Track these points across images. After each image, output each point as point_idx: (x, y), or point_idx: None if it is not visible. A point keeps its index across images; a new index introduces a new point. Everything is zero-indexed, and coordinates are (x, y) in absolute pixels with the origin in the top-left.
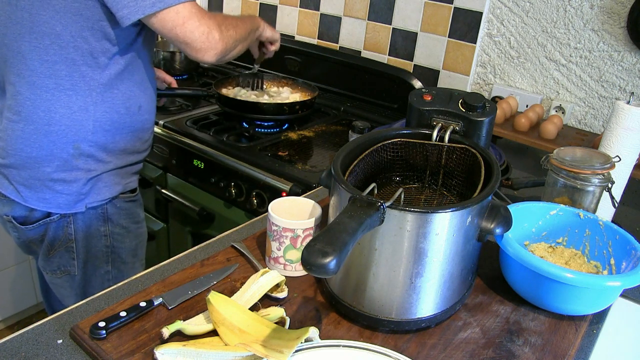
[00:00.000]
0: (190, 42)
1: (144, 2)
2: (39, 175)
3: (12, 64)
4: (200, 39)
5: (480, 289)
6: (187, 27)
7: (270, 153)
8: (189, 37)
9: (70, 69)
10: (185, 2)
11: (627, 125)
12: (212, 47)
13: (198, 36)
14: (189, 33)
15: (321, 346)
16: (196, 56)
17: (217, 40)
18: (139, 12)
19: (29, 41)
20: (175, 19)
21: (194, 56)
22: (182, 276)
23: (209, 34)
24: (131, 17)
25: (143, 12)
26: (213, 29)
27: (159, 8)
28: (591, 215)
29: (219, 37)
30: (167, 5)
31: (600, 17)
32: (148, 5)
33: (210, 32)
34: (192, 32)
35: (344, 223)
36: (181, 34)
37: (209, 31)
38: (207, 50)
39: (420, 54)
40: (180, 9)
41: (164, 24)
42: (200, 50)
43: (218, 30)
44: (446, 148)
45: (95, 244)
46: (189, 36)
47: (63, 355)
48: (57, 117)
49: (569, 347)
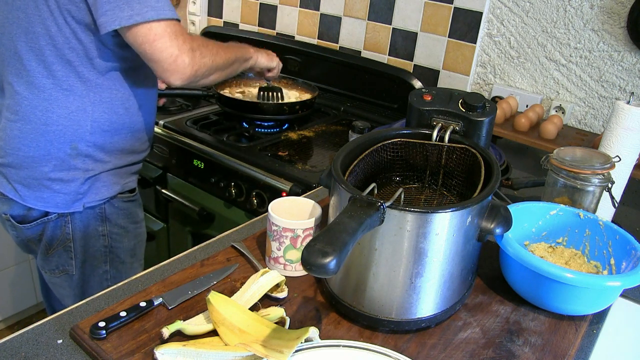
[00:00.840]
0: (157, 61)
1: (122, 13)
2: (36, 174)
3: (10, 64)
4: (167, 61)
5: (480, 289)
6: (157, 46)
7: (270, 153)
8: (157, 56)
9: (67, 70)
10: (162, 20)
11: (627, 125)
12: (179, 70)
13: (166, 57)
14: (158, 52)
15: (321, 346)
16: (162, 76)
17: (186, 65)
18: (115, 23)
19: (25, 41)
20: (146, 35)
21: (160, 76)
22: (182, 276)
23: (177, 57)
24: (107, 27)
25: (119, 23)
26: (183, 53)
27: (135, 21)
28: (591, 215)
29: (189, 62)
30: (143, 20)
31: (600, 17)
32: (125, 17)
33: (180, 55)
34: (160, 52)
35: (344, 223)
36: (149, 51)
37: (178, 54)
38: (173, 73)
39: (420, 54)
40: (154, 26)
41: (135, 38)
42: (166, 72)
43: (189, 55)
44: (446, 148)
45: (93, 243)
46: (157, 55)
47: (63, 355)
48: (55, 117)
49: (569, 347)
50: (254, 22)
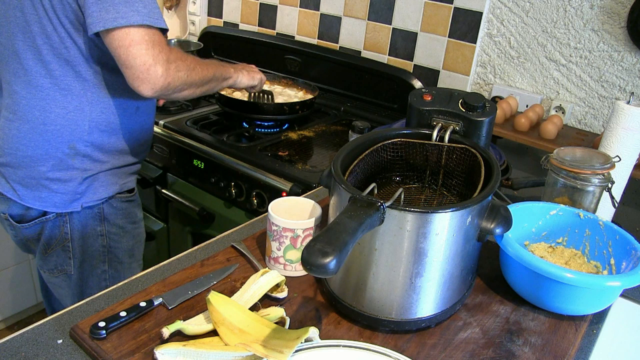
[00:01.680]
0: (130, 67)
1: (107, 15)
2: (34, 174)
3: (8, 63)
4: (140, 69)
5: (480, 289)
6: (131, 51)
7: (270, 153)
8: (130, 62)
9: (64, 69)
10: (143, 27)
11: (627, 125)
12: (151, 80)
13: (138, 64)
14: (131, 58)
15: (321, 346)
16: (132, 84)
17: (158, 76)
18: (99, 25)
19: (22, 40)
20: (122, 39)
21: (130, 83)
22: (182, 276)
23: (150, 67)
24: (93, 28)
25: (104, 25)
26: (158, 63)
27: (118, 24)
28: (591, 215)
29: (162, 73)
30: (127, 23)
31: (600, 17)
32: (110, 20)
33: (154, 65)
34: (134, 59)
35: (344, 223)
36: (123, 55)
37: (152, 64)
38: (144, 82)
39: (420, 54)
40: (132, 32)
41: (112, 42)
42: (137, 79)
43: (164, 66)
44: (446, 148)
45: (91, 243)
46: (130, 61)
47: (63, 355)
48: (53, 116)
49: (569, 347)
50: (254, 22)
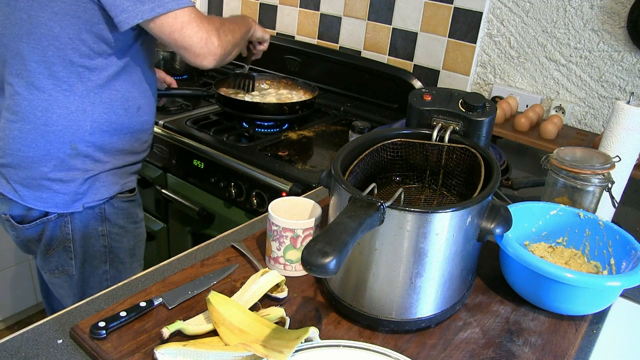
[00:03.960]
0: (189, 47)
1: (143, 6)
2: (36, 174)
3: (11, 65)
4: (199, 44)
5: (480, 289)
6: (186, 32)
7: (270, 153)
8: (188, 42)
9: (68, 70)
10: (184, 7)
11: (627, 125)
12: (211, 52)
13: (197, 41)
14: (188, 38)
15: (321, 346)
16: (194, 61)
17: (216, 46)
18: (137, 17)
19: (27, 42)
20: (173, 24)
21: (192, 61)
22: (182, 276)
23: (207, 40)
24: (130, 22)
25: (142, 17)
26: (212, 35)
27: (157, 13)
28: (591, 215)
29: (218, 42)
30: (166, 10)
31: (600, 17)
32: (147, 10)
33: (209, 37)
34: (190, 38)
35: (344, 223)
36: (180, 39)
37: (207, 37)
38: (206, 56)
39: (420, 54)
40: (179, 14)
41: (162, 29)
42: (199, 56)
43: (217, 35)
44: (446, 148)
45: (92, 243)
46: (187, 41)
47: (63, 355)
48: (54, 117)
49: (569, 347)
50: None
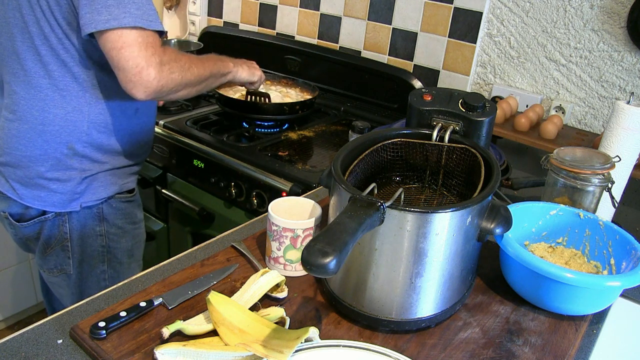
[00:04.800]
0: (122, 69)
1: (100, 17)
2: (33, 173)
3: (8, 64)
4: (132, 71)
5: (480, 289)
6: (123, 54)
7: (270, 153)
8: (122, 64)
9: (63, 70)
10: (136, 29)
11: (627, 125)
12: (143, 84)
13: (131, 67)
14: (123, 60)
15: (321, 346)
16: (125, 87)
17: (151, 79)
18: (91, 26)
19: (21, 41)
20: (115, 41)
21: (123, 87)
22: (182, 276)
23: (142, 69)
24: (85, 30)
25: (95, 26)
26: (150, 66)
27: (110, 26)
28: (591, 215)
29: (154, 75)
30: (119, 25)
31: (600, 17)
32: (102, 21)
33: (147, 68)
34: (126, 61)
35: (344, 223)
36: (115, 58)
37: (145, 66)
38: (136, 85)
39: (420, 54)
40: (125, 34)
41: (105, 44)
42: (129, 82)
43: (157, 68)
44: (446, 148)
45: (90, 243)
46: (122, 64)
47: (63, 355)
48: (51, 117)
49: (569, 347)
50: (254, 22)
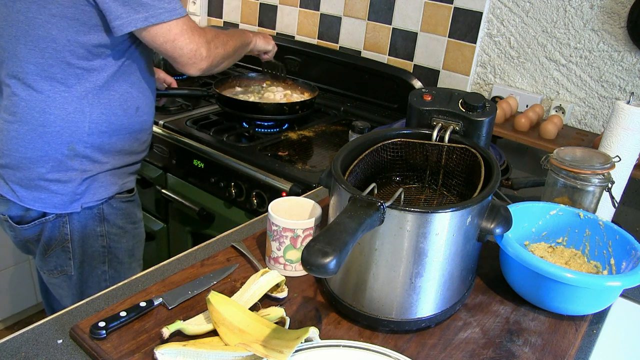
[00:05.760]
0: (178, 57)
1: (137, 15)
2: (33, 175)
3: (8, 66)
4: (187, 55)
5: (480, 289)
6: (177, 44)
7: (270, 153)
8: (178, 53)
9: (66, 72)
10: (178, 19)
11: (627, 125)
12: (197, 63)
13: (186, 52)
14: (178, 49)
15: (321, 346)
16: (182, 69)
17: (204, 58)
18: (130, 25)
19: (24, 44)
20: (166, 35)
21: (179, 69)
22: (182, 276)
23: (196, 52)
24: (123, 29)
25: (135, 25)
26: (201, 47)
27: (150, 23)
28: (591, 215)
29: (206, 54)
30: (160, 20)
31: (600, 17)
32: (141, 19)
33: (198, 49)
34: (181, 49)
35: (344, 223)
36: (170, 49)
37: (196, 49)
38: (192, 66)
39: (420, 54)
40: (173, 26)
41: (155, 39)
42: (186, 65)
43: (206, 47)
44: (446, 148)
45: (91, 244)
46: (177, 52)
47: (63, 355)
48: (52, 118)
49: (569, 347)
50: (254, 22)
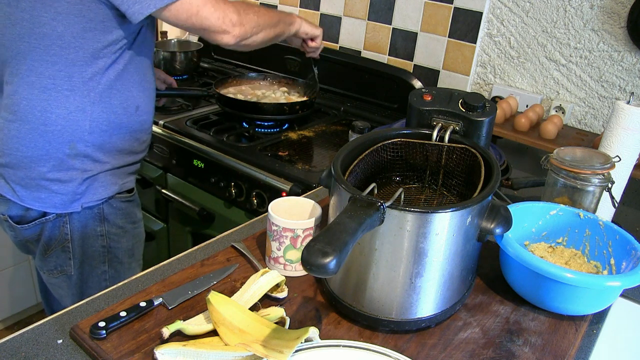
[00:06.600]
0: (208, 27)
1: None
2: (34, 174)
3: (11, 64)
4: (217, 24)
5: (480, 289)
6: (202, 15)
7: (270, 153)
8: (206, 23)
9: (70, 70)
10: None
11: (627, 125)
12: (230, 29)
13: (214, 21)
14: (205, 20)
15: (321, 346)
16: (215, 40)
17: (235, 22)
18: (150, 7)
19: (28, 42)
20: (189, 9)
21: (213, 40)
22: (182, 276)
23: (224, 18)
24: (143, 12)
25: (155, 5)
26: (229, 12)
27: (171, 1)
28: (591, 215)
29: (237, 19)
30: None
31: (600, 17)
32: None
33: (226, 15)
34: (207, 19)
35: (344, 223)
36: (197, 22)
37: (224, 15)
38: (226, 33)
39: (420, 54)
40: None
41: (178, 15)
42: (218, 34)
43: (235, 13)
44: (446, 148)
45: (91, 244)
46: (205, 23)
47: (63, 355)
48: (53, 117)
49: (569, 347)
50: None
